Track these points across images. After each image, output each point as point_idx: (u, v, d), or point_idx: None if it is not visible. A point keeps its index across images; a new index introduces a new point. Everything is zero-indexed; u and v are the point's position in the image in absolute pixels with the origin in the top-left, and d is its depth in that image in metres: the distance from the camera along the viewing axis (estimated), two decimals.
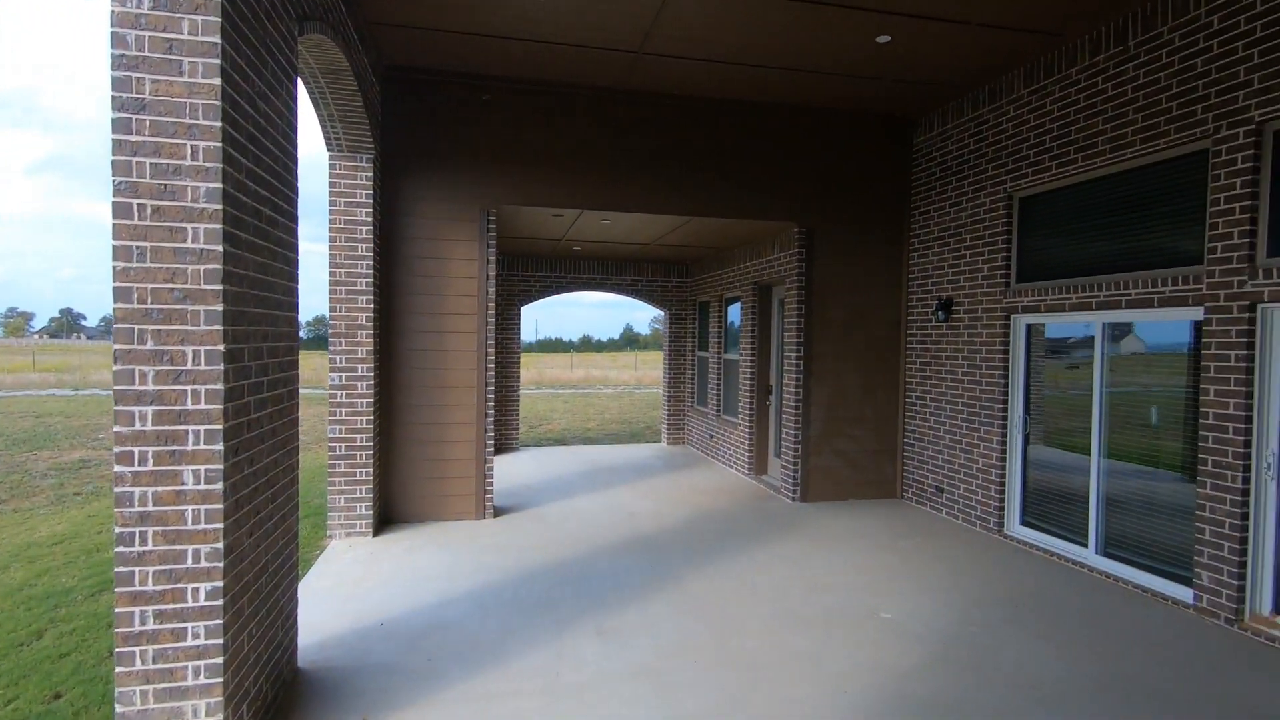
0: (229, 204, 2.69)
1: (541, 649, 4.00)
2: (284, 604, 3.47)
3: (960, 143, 6.89)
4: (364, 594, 4.80)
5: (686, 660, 3.88)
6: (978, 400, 6.61)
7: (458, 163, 6.62)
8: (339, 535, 6.08)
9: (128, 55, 2.53)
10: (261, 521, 3.10)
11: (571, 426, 15.46)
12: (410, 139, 6.51)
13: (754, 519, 6.93)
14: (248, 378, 2.92)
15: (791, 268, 7.63)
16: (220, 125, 2.61)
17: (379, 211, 6.38)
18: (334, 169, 5.98)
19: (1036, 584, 5.16)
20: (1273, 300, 4.18)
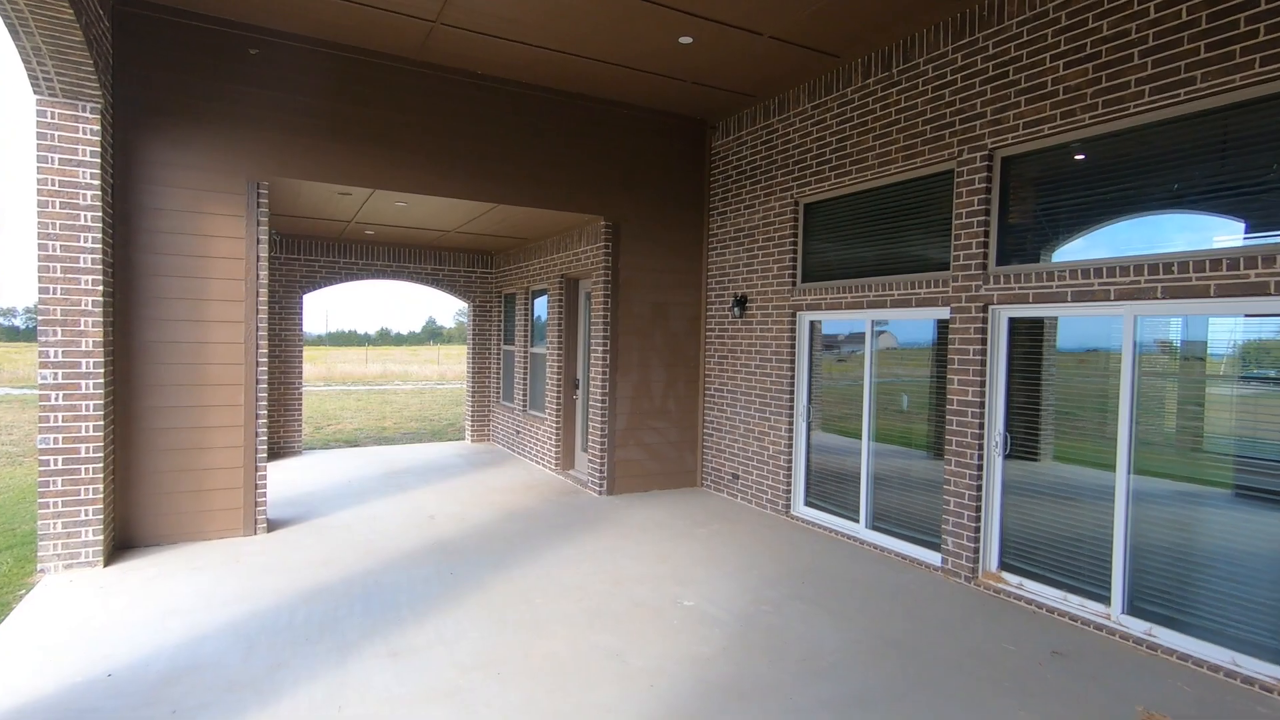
0: None
1: (320, 681, 3.52)
2: None
3: (754, 149, 7.31)
4: (86, 640, 3.93)
5: (489, 673, 3.64)
6: (769, 391, 7.07)
7: (221, 126, 5.69)
8: (55, 568, 4.96)
9: None
10: None
11: (365, 426, 14.29)
12: (157, 92, 5.47)
13: (561, 515, 6.82)
14: None
15: (598, 261, 7.62)
16: None
17: (112, 175, 5.28)
18: (44, 117, 4.83)
19: (818, 559, 5.61)
20: (1000, 302, 4.90)
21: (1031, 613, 4.58)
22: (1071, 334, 4.69)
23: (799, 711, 3.34)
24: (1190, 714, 3.35)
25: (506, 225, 8.45)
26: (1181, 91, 3.92)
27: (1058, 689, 3.59)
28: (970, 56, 5.08)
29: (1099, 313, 4.40)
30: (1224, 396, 3.98)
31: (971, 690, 3.57)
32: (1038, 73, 4.64)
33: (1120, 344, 4.29)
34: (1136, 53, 4.12)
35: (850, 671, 3.74)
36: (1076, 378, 4.65)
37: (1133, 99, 4.13)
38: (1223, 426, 3.98)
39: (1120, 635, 4.18)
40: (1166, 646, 3.99)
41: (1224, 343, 3.99)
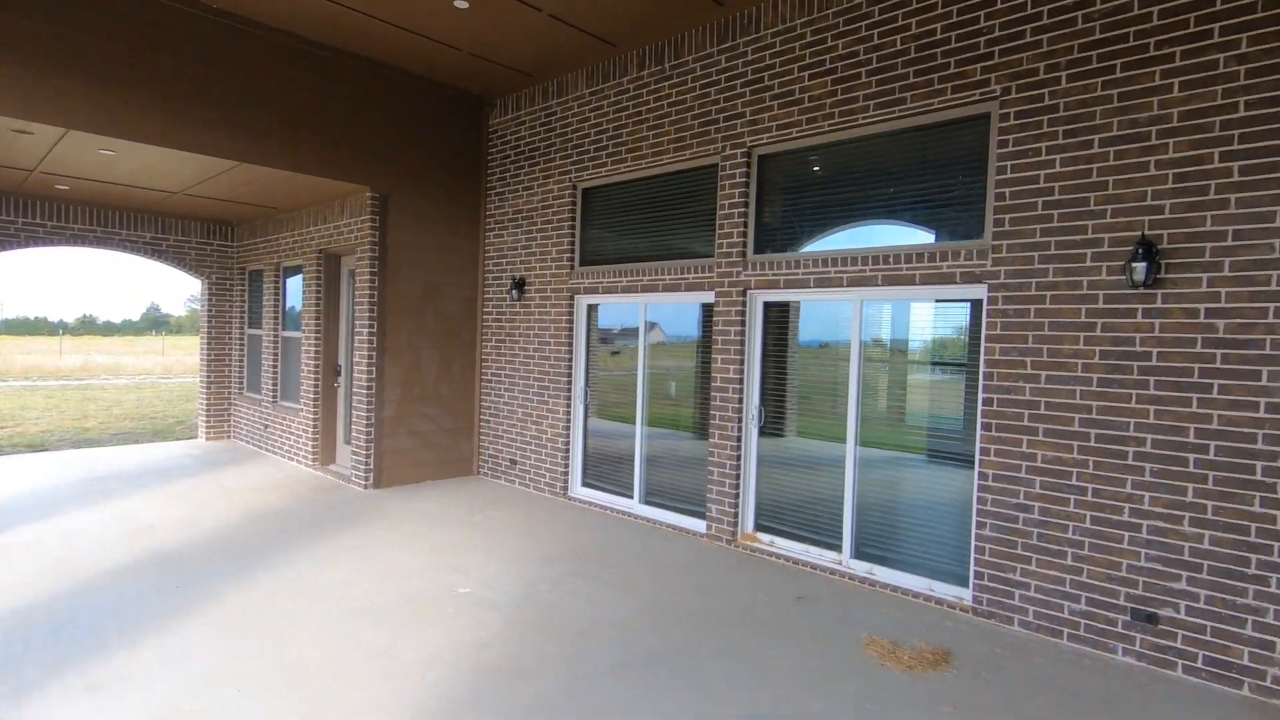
0: None
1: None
2: None
3: (533, 130, 7.23)
4: None
5: (225, 690, 3.14)
6: (547, 375, 7.06)
7: None
8: None
9: None
10: None
11: (59, 427, 11.68)
12: None
13: (320, 513, 6.16)
14: None
15: (364, 235, 7.01)
16: None
17: None
18: None
19: (595, 536, 5.72)
20: (757, 287, 5.38)
21: (781, 565, 5.11)
22: (811, 327, 5.31)
23: (580, 679, 3.35)
24: (899, 634, 3.97)
25: (253, 191, 7.42)
26: (896, 109, 4.61)
27: (801, 628, 4.04)
28: (733, 60, 5.50)
29: (835, 297, 5.03)
30: (920, 381, 4.81)
31: (733, 640, 3.86)
32: (788, 81, 5.16)
33: (849, 336, 4.94)
34: (864, 72, 4.76)
35: (627, 637, 3.85)
36: (814, 365, 5.28)
37: (861, 112, 4.77)
38: (918, 405, 4.81)
39: (849, 577, 4.83)
40: (883, 582, 4.69)
41: (920, 341, 4.80)
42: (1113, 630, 3.76)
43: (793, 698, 3.25)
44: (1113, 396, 3.77)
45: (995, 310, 4.19)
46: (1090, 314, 3.85)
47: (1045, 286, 4.00)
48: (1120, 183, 3.76)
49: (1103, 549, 3.79)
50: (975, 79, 4.27)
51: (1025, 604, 4.05)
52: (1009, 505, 4.12)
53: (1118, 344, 3.76)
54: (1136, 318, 3.70)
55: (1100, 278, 3.81)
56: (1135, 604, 3.69)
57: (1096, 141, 3.84)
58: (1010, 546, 4.11)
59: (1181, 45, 3.58)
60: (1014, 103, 4.12)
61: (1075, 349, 3.90)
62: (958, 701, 3.25)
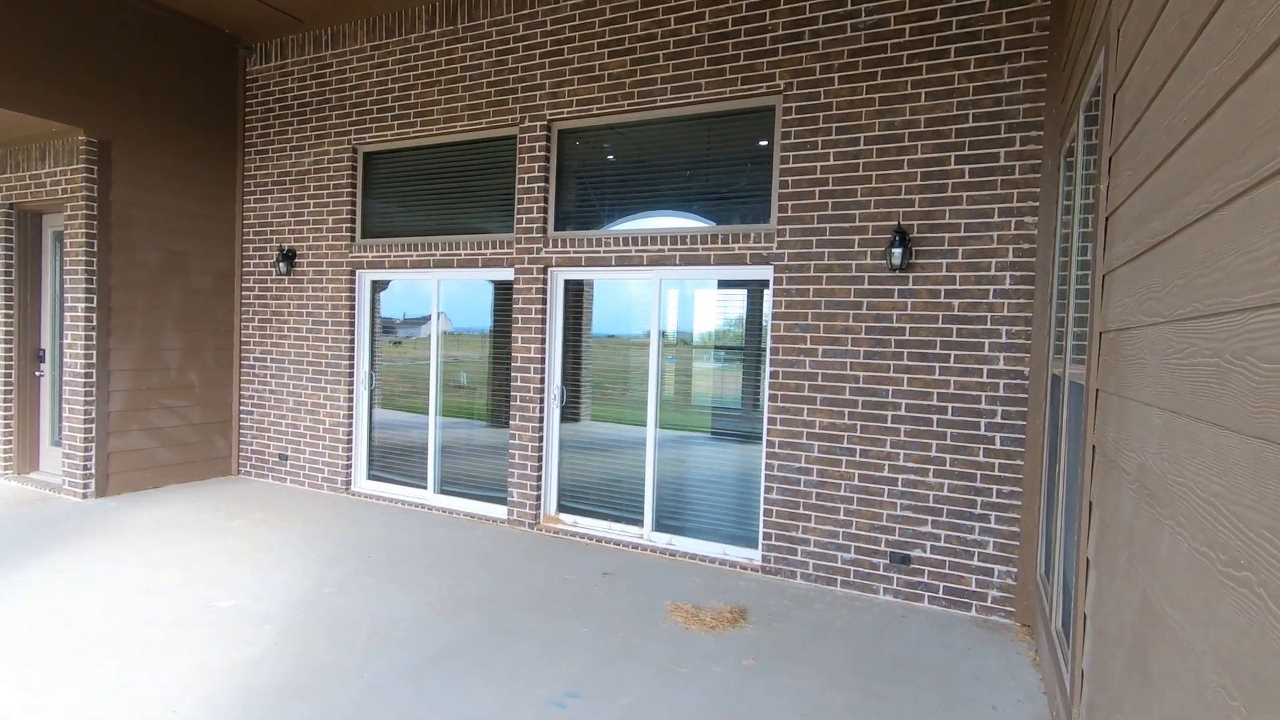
0: None
1: None
2: None
3: (303, 83, 6.40)
4: None
5: None
6: (324, 358, 6.33)
7: None
8: None
9: None
10: None
11: None
12: None
13: (19, 531, 4.92)
14: None
15: (77, 189, 5.70)
16: None
17: None
18: None
19: (385, 531, 5.25)
20: (559, 265, 5.28)
21: (585, 545, 5.09)
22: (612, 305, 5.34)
23: (372, 687, 3.01)
24: (700, 597, 4.14)
25: None
26: (692, 94, 4.77)
27: (609, 603, 4.04)
28: (531, 28, 5.31)
29: (636, 276, 5.09)
30: (705, 369, 5.08)
31: (540, 623, 3.75)
32: (588, 56, 5.10)
33: (648, 315, 5.04)
34: (661, 55, 4.86)
35: (426, 634, 3.56)
36: (614, 346, 5.33)
37: (660, 94, 4.86)
38: (704, 388, 5.08)
39: (651, 549, 4.95)
40: (683, 551, 4.87)
41: (714, 322, 5.06)
42: (875, 574, 4.27)
43: (601, 671, 3.23)
44: (876, 367, 4.26)
45: (780, 290, 4.52)
46: (858, 294, 4.30)
47: (822, 269, 4.40)
48: (881, 177, 4.24)
49: (868, 502, 4.28)
50: (762, 73, 4.55)
51: (806, 558, 4.45)
52: (792, 469, 4.48)
53: (880, 320, 4.25)
54: (894, 297, 4.21)
55: (866, 261, 4.28)
56: (893, 549, 4.22)
57: (862, 139, 4.28)
58: (793, 507, 4.48)
59: (927, 60, 4.11)
60: (795, 98, 4.45)
61: (846, 325, 4.33)
62: (756, 653, 3.46)
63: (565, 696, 3.00)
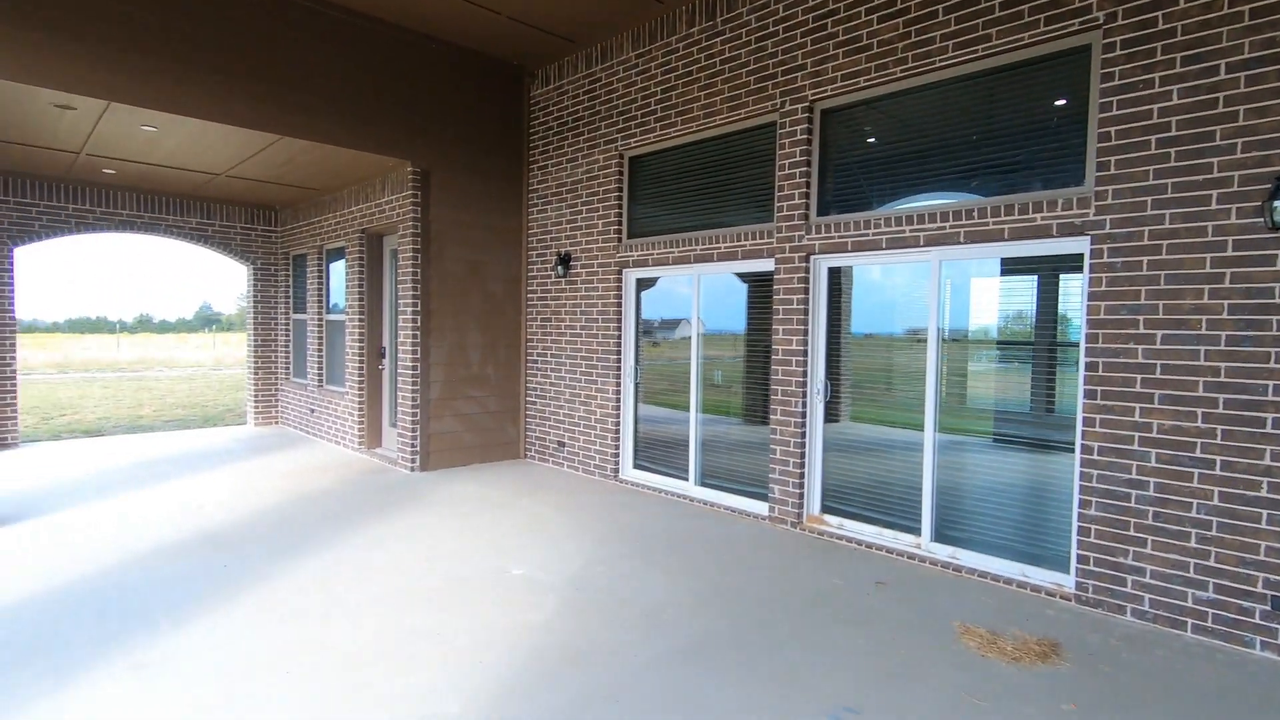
0: None
1: (20, 715, 2.62)
2: None
3: (576, 99, 6.94)
4: None
5: (274, 673, 2.95)
6: (595, 353, 6.79)
7: None
8: None
9: None
10: None
11: (114, 415, 11.91)
12: None
13: (367, 495, 6.01)
14: None
15: (406, 212, 6.82)
16: None
17: None
18: None
19: (649, 519, 5.44)
20: (822, 252, 5.01)
21: (852, 549, 4.75)
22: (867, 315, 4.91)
23: (643, 666, 3.07)
24: (996, 622, 3.59)
25: (294, 170, 7.30)
26: (980, 48, 4.18)
27: (884, 614, 3.69)
28: (791, 8, 5.11)
29: (911, 259, 4.62)
30: (985, 365, 4.43)
31: (809, 626, 3.54)
32: (854, 25, 4.75)
33: (925, 304, 4.54)
34: (941, 9, 4.34)
35: (690, 622, 3.56)
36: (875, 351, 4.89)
37: (939, 54, 4.35)
38: (984, 387, 4.44)
39: (930, 561, 4.45)
40: (969, 567, 4.30)
41: (985, 325, 4.38)
42: (1247, 621, 3.32)
43: (882, 688, 2.92)
44: (1245, 356, 3.32)
45: (1101, 264, 3.75)
46: (1216, 263, 3.39)
47: (1160, 235, 3.56)
48: (1253, 112, 3.29)
49: (1235, 529, 3.35)
50: (1073, 7, 3.82)
51: (1140, 591, 3.63)
52: (1119, 482, 3.69)
53: (1252, 296, 3.30)
54: (1276, 265, 3.24)
55: (1229, 222, 3.36)
56: (1277, 591, 3.24)
57: (1223, 67, 3.37)
58: (1120, 528, 3.68)
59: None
60: (1120, 30, 3.66)
61: (1198, 304, 3.45)
62: (1078, 699, 2.87)
63: (843, 710, 2.76)
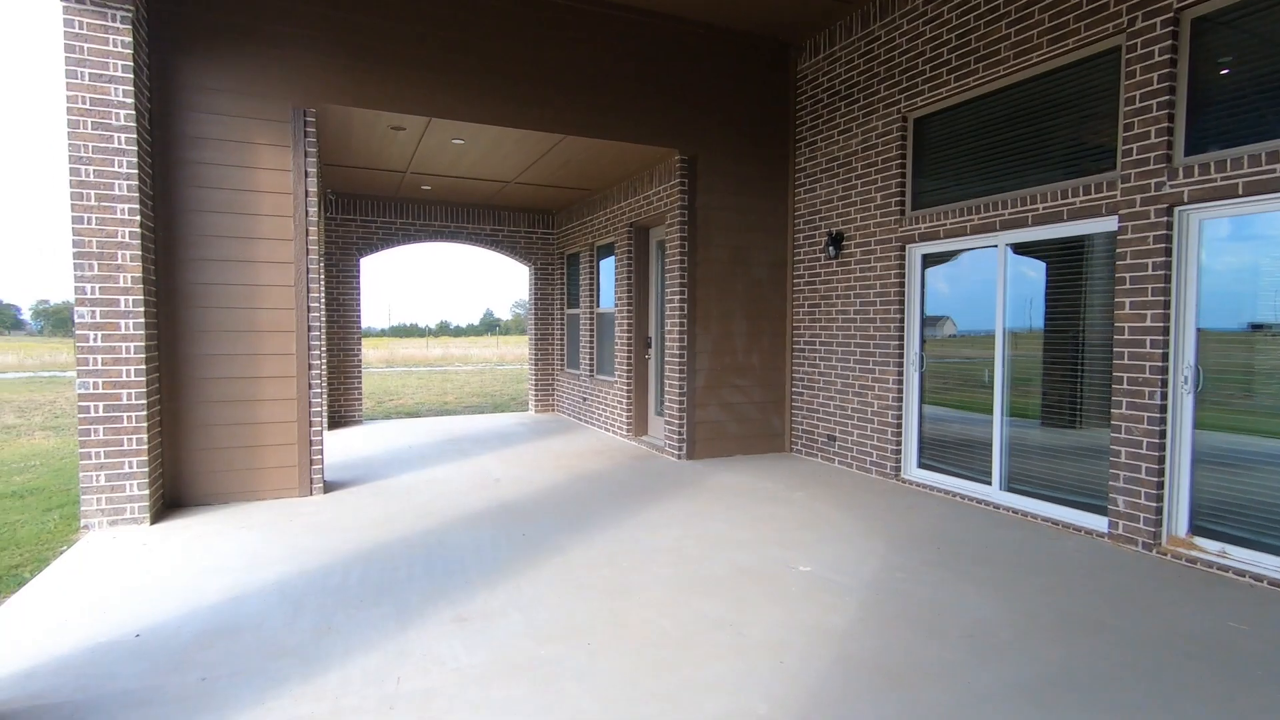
0: None
1: (376, 649, 2.92)
2: None
3: (850, 64, 6.41)
4: (119, 596, 3.44)
5: (574, 644, 2.97)
6: (871, 340, 6.20)
7: (264, 46, 5.17)
8: (99, 525, 4.55)
9: None
10: None
11: (427, 400, 13.97)
12: (197, 8, 4.97)
13: (638, 479, 6.13)
14: None
15: (673, 201, 6.87)
16: None
17: (149, 99, 4.82)
18: (71, 27, 4.37)
19: (945, 524, 4.75)
20: (1192, 201, 3.92)
21: (1247, 586, 3.63)
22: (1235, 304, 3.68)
23: (980, 698, 2.54)
24: None
25: (570, 171, 7.78)
26: None
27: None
28: None
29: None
30: None
31: (1205, 678, 2.69)
32: None
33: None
34: None
35: (1034, 652, 2.92)
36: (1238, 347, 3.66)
37: None
38: None
39: None
40: None
41: None
42: None
43: None
44: None
45: None
46: None
47: None
48: None
49: None
50: None
51: None
52: None
53: None
54: None
55: None
56: None
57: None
58: None
59: None
60: None
61: None
62: None
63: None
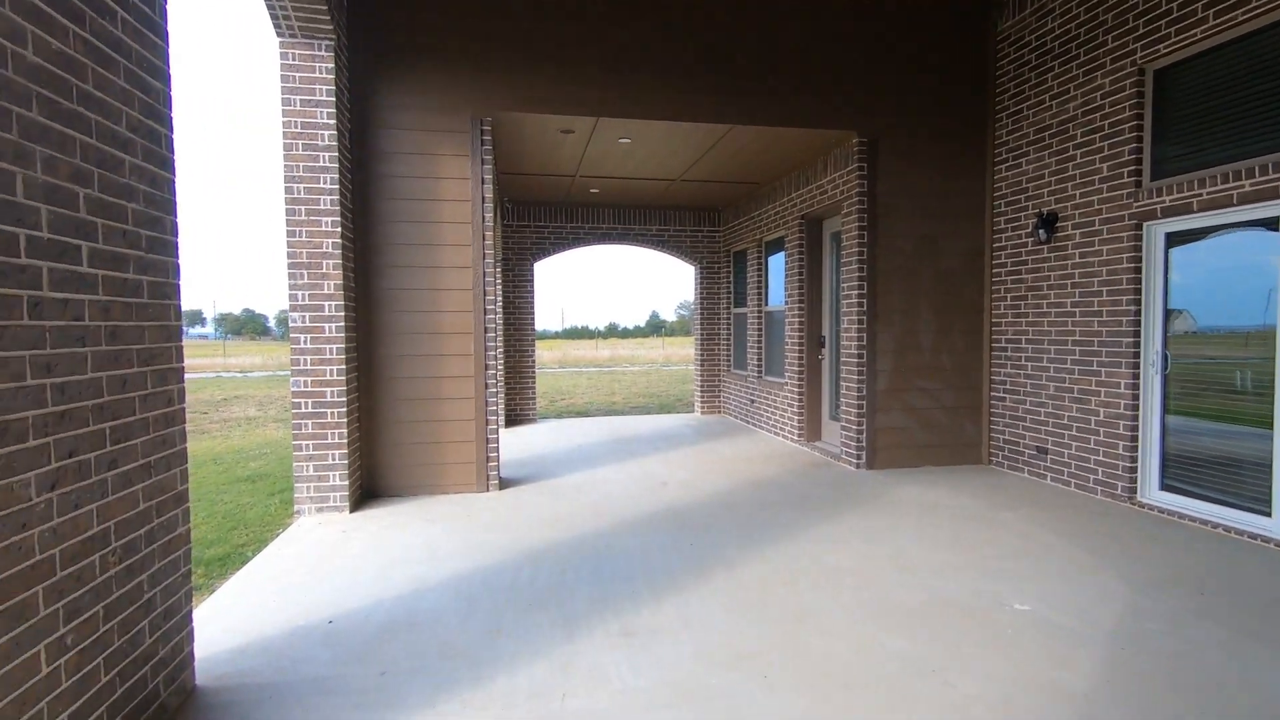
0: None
1: (542, 659, 2.83)
2: (157, 597, 2.34)
3: (1066, 15, 5.50)
4: (318, 581, 3.68)
5: (748, 674, 2.68)
6: (1096, 336, 5.26)
7: (445, 61, 5.42)
8: (308, 510, 4.99)
9: None
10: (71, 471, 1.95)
11: (596, 400, 14.32)
12: (389, 32, 5.33)
13: (812, 489, 5.69)
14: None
15: (850, 188, 6.32)
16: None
17: (348, 117, 5.22)
18: (286, 59, 4.83)
19: (1208, 563, 3.85)
20: None
21: None
22: None
23: None
24: None
25: (738, 164, 7.48)
26: None
27: None
28: None
29: None
30: None
31: None
32: None
33: None
34: None
35: None
36: None
37: None
38: None
39: None
40: None
41: None
42: None
43: None
44: None
45: None
46: None
47: None
48: None
49: None
50: None
51: None
52: None
53: None
54: None
55: None
56: None
57: None
58: None
59: None
60: None
61: None
62: None
63: None
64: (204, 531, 5.02)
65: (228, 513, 5.58)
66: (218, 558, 4.40)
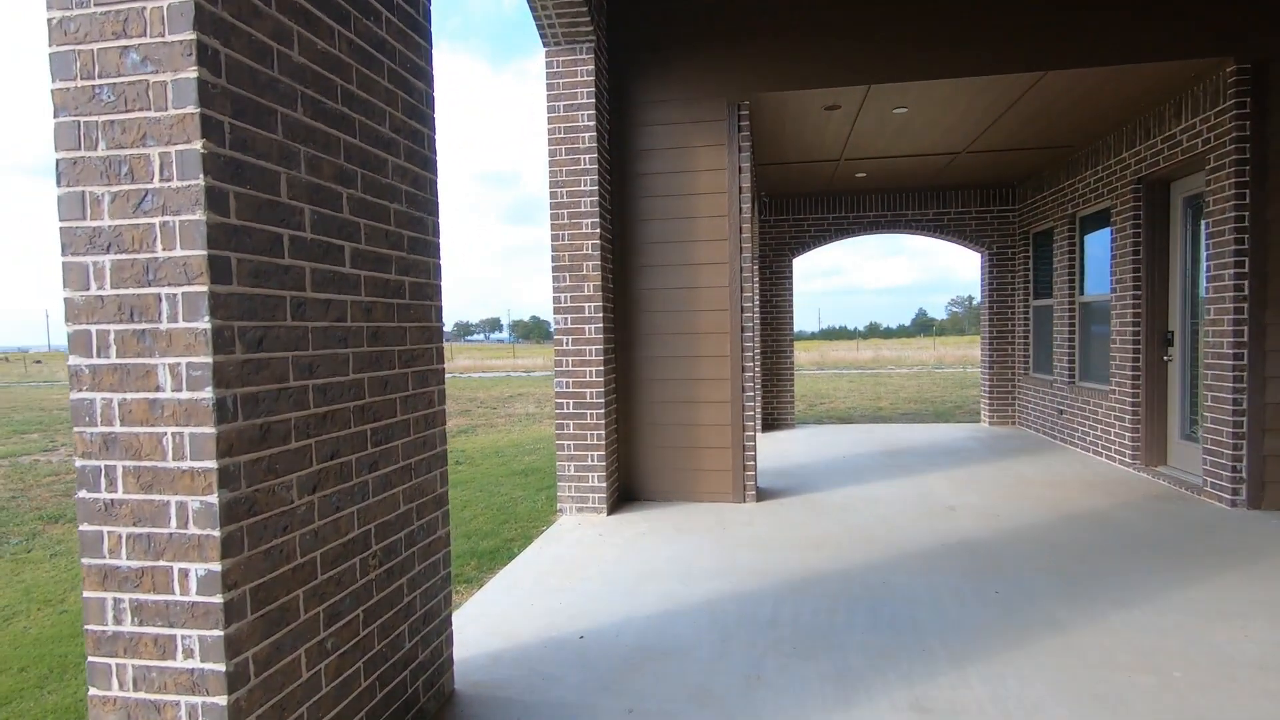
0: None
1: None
2: (417, 600, 2.32)
3: None
4: (573, 587, 3.60)
5: None
6: None
7: (701, 47, 5.16)
8: (569, 510, 5.06)
9: None
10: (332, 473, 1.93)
11: (859, 405, 13.23)
12: (647, 27, 5.23)
13: (1166, 530, 4.34)
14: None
15: (1224, 134, 4.76)
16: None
17: (606, 118, 5.21)
18: (550, 67, 4.93)
19: None
20: None
21: None
22: None
23: None
24: None
25: (1044, 125, 6.14)
26: None
27: None
28: None
29: None
30: None
31: None
32: None
33: None
34: None
35: None
36: None
37: None
38: None
39: None
40: None
41: None
42: None
43: None
44: None
45: None
46: None
47: None
48: None
49: None
50: None
51: None
52: None
53: None
54: None
55: None
56: None
57: None
58: None
59: None
60: None
61: None
62: None
63: None
64: (481, 523, 5.37)
65: (501, 505, 5.95)
66: (489, 550, 4.62)
